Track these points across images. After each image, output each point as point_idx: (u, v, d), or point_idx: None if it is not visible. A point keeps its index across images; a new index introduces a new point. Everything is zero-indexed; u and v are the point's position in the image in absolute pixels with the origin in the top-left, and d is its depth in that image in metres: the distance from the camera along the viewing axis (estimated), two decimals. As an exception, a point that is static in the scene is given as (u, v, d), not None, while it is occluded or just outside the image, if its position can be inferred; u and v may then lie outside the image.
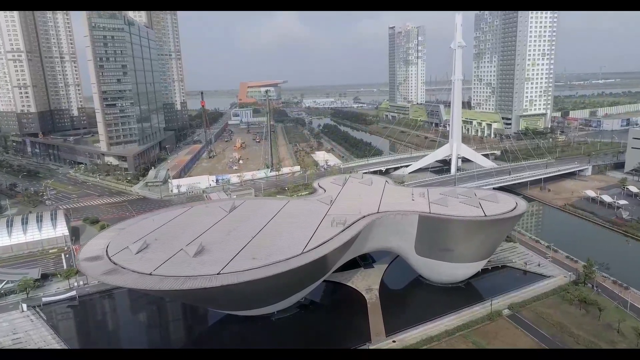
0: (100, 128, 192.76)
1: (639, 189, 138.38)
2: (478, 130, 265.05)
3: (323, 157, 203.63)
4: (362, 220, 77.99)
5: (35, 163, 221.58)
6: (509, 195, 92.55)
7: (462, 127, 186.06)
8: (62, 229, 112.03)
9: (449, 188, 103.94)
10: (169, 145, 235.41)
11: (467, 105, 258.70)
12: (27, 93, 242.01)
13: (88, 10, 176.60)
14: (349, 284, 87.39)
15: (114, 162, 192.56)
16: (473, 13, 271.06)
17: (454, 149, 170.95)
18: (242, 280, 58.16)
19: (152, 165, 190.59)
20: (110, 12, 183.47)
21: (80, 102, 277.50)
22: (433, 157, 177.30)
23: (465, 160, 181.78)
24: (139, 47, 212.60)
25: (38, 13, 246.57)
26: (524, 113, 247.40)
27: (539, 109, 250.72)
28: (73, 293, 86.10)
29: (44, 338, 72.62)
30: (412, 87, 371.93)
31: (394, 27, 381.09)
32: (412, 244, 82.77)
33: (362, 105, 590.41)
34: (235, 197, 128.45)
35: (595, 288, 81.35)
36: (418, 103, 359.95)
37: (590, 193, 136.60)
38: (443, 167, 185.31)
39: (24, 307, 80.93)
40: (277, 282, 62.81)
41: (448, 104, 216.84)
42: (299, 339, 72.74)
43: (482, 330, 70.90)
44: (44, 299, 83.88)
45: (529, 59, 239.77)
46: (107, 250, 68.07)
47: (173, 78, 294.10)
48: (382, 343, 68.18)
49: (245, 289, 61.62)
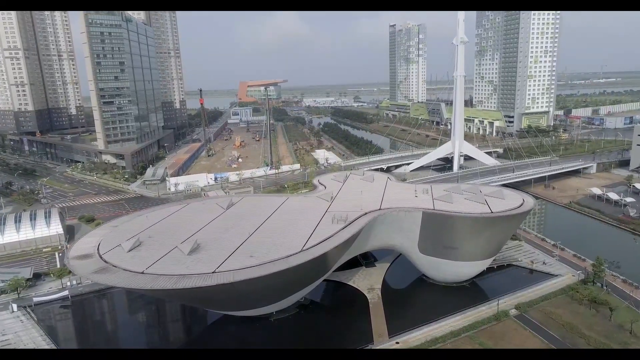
0: (98, 126, 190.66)
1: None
2: (480, 129, 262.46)
3: (323, 155, 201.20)
4: (363, 217, 75.30)
5: (32, 162, 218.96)
6: (516, 192, 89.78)
7: (463, 125, 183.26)
8: (56, 228, 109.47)
9: (453, 185, 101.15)
10: (168, 144, 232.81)
11: (468, 104, 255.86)
12: (24, 91, 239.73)
13: (88, 11, 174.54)
14: (350, 284, 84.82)
15: (112, 160, 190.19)
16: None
17: (457, 147, 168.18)
18: (238, 279, 55.51)
19: (150, 164, 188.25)
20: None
21: (79, 100, 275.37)
22: (435, 154, 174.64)
23: (468, 159, 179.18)
24: (137, 44, 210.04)
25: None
26: (527, 111, 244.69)
27: (542, 107, 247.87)
28: (65, 293, 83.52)
29: (34, 339, 70.02)
30: (412, 85, 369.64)
31: (395, 25, 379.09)
32: (415, 242, 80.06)
33: (362, 104, 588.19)
34: (234, 194, 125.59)
35: (605, 287, 78.63)
36: (419, 101, 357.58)
37: (596, 191, 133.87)
38: (445, 165, 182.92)
39: (14, 307, 78.31)
40: (275, 281, 60.15)
41: (449, 103, 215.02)
42: (299, 340, 70.05)
43: (488, 331, 68.24)
44: (35, 299, 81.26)
45: (532, 56, 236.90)
46: (98, 249, 65.37)
47: (172, 76, 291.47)
48: (384, 344, 65.60)
49: (242, 288, 58.96)
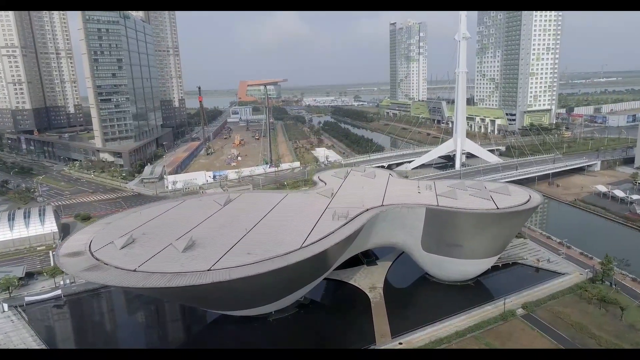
0: (95, 124, 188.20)
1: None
2: (481, 127, 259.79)
3: (324, 153, 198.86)
4: (365, 214, 72.89)
5: (30, 160, 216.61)
6: (522, 188, 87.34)
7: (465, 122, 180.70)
8: (50, 226, 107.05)
9: (458, 181, 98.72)
10: (166, 143, 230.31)
11: (470, 102, 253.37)
12: (21, 89, 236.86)
13: (87, 11, 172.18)
14: (352, 282, 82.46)
15: (109, 158, 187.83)
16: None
17: (459, 144, 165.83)
18: (234, 277, 53.09)
19: (148, 162, 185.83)
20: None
21: (77, 99, 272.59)
22: (437, 152, 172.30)
23: (470, 157, 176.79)
24: (135, 41, 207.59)
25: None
26: (529, 109, 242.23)
27: (544, 105, 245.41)
28: (58, 292, 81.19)
29: (24, 340, 67.66)
30: (413, 83, 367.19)
31: (395, 23, 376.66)
32: (418, 239, 77.66)
33: (362, 103, 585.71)
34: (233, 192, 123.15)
35: (615, 286, 76.18)
36: (420, 100, 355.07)
37: (602, 188, 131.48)
38: (447, 163, 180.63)
39: (5, 307, 75.98)
40: (273, 279, 57.77)
41: (450, 101, 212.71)
42: (298, 341, 67.68)
43: (495, 331, 65.83)
44: (27, 299, 78.99)
45: (534, 54, 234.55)
46: (89, 246, 62.93)
47: (171, 75, 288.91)
48: (387, 345, 63.22)
49: (239, 287, 56.59)
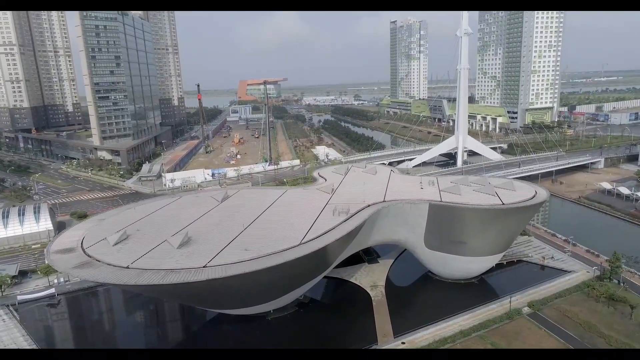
0: (93, 121, 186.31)
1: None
2: (483, 125, 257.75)
3: (324, 151, 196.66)
4: (366, 210, 70.85)
5: (27, 159, 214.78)
6: (527, 183, 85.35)
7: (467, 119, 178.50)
8: (45, 224, 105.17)
9: (461, 176, 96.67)
10: (165, 141, 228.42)
11: (471, 100, 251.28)
12: (19, 88, 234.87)
13: (87, 11, 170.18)
14: (352, 281, 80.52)
15: (107, 156, 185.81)
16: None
17: (460, 142, 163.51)
18: (231, 274, 51.07)
19: (146, 160, 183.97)
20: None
21: (75, 97, 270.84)
22: (438, 150, 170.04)
23: (471, 154, 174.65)
24: (134, 38, 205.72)
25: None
26: (530, 107, 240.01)
27: (546, 103, 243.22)
28: (52, 291, 79.22)
29: (15, 339, 65.72)
30: (414, 82, 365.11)
31: (396, 21, 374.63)
32: (421, 236, 75.62)
33: (363, 102, 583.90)
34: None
35: (623, 284, 74.17)
36: (420, 98, 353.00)
37: (606, 185, 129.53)
38: (448, 161, 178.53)
39: (-4, 306, 74.19)
40: (271, 276, 55.77)
41: (451, 100, 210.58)
42: (298, 340, 65.66)
43: (500, 331, 63.77)
44: (19, 297, 77.10)
45: (536, 51, 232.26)
46: (82, 242, 60.92)
47: (170, 73, 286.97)
48: (389, 345, 61.20)
49: (236, 284, 54.60)
